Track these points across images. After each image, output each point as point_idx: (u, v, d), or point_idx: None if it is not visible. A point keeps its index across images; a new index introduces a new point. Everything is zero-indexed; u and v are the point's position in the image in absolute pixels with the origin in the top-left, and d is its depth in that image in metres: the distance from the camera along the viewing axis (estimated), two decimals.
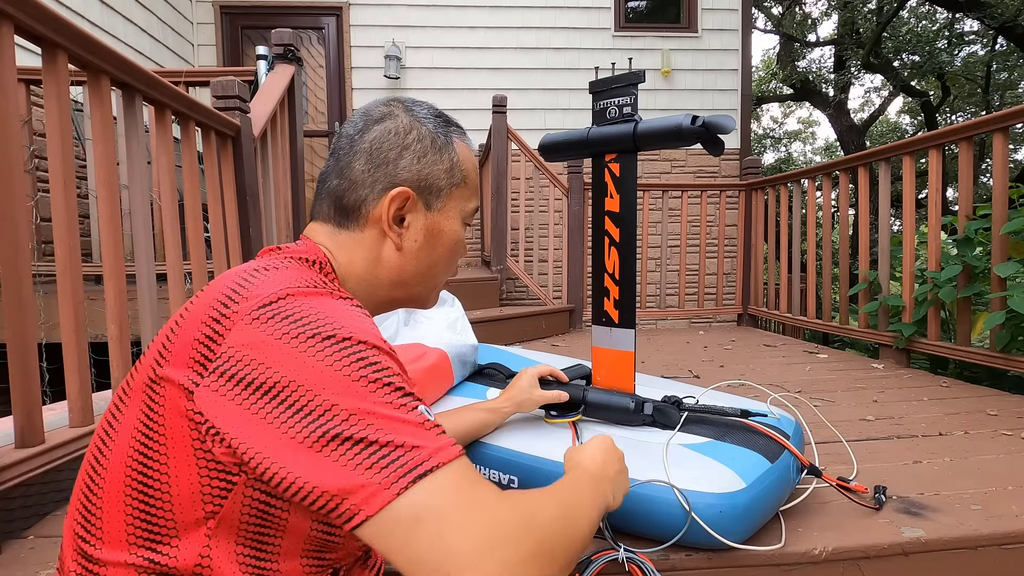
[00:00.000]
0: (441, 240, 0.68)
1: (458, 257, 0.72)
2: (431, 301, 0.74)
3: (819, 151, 17.39)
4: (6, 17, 0.99)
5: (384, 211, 0.64)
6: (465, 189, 0.70)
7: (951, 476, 1.22)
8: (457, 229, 0.70)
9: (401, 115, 0.67)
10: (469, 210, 0.71)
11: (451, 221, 0.69)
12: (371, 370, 0.48)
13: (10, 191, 0.99)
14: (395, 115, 0.67)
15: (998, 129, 2.02)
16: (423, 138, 0.67)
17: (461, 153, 0.69)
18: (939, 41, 9.15)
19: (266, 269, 0.57)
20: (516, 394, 1.05)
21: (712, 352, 2.86)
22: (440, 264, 0.70)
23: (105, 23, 3.62)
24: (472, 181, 0.71)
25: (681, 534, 0.87)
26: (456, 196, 0.69)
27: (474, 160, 0.73)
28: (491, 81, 4.93)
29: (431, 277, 0.70)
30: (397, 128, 0.66)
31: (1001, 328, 2.00)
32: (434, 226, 0.68)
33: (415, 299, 0.72)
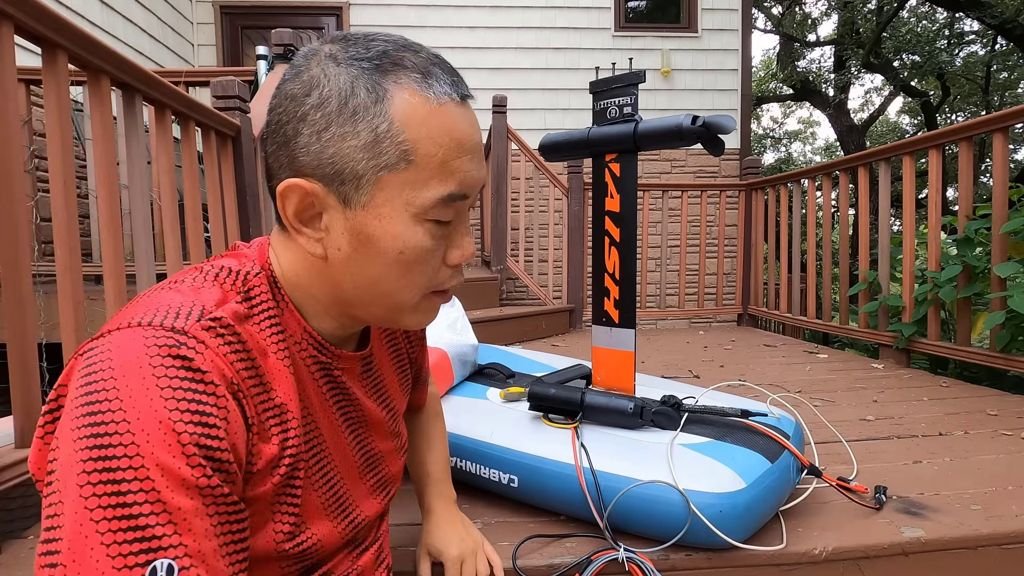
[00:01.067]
0: (374, 248, 0.48)
1: (420, 268, 0.50)
2: (407, 321, 0.54)
3: (819, 151, 17.39)
4: (6, 17, 0.99)
5: (282, 211, 0.49)
6: (412, 171, 0.47)
7: (951, 476, 1.22)
8: (401, 232, 0.48)
9: (314, 65, 0.47)
10: (426, 200, 0.47)
11: (387, 221, 0.47)
12: (110, 492, 0.36)
13: (10, 191, 0.99)
14: (308, 66, 0.48)
15: (998, 129, 2.02)
16: (326, 100, 0.46)
17: (400, 111, 0.46)
18: (939, 41, 9.15)
19: (160, 288, 0.48)
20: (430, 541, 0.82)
21: (712, 352, 2.86)
22: (387, 280, 0.49)
23: (105, 23, 3.62)
24: (428, 155, 0.47)
25: (681, 534, 0.87)
26: (392, 183, 0.47)
27: (442, 119, 0.47)
28: (491, 81, 4.93)
29: (382, 296, 0.51)
30: (301, 88, 0.47)
31: (1001, 328, 2.00)
32: (359, 229, 0.48)
33: (382, 320, 0.54)
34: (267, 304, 0.50)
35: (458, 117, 0.48)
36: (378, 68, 0.46)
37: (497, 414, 1.15)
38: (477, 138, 0.50)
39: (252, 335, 0.47)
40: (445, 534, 0.81)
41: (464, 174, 0.49)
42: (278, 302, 0.52)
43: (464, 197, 0.50)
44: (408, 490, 1.17)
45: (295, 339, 0.52)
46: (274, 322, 0.50)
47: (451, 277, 0.53)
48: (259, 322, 0.49)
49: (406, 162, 0.47)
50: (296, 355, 0.52)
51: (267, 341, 0.49)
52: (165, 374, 0.40)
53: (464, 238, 0.52)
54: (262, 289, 0.51)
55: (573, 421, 1.07)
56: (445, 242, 0.51)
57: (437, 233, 0.49)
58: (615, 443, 1.00)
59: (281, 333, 0.50)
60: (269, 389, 0.48)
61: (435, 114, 0.47)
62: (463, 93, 0.50)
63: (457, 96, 0.49)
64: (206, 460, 0.40)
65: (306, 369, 0.53)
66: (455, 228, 0.51)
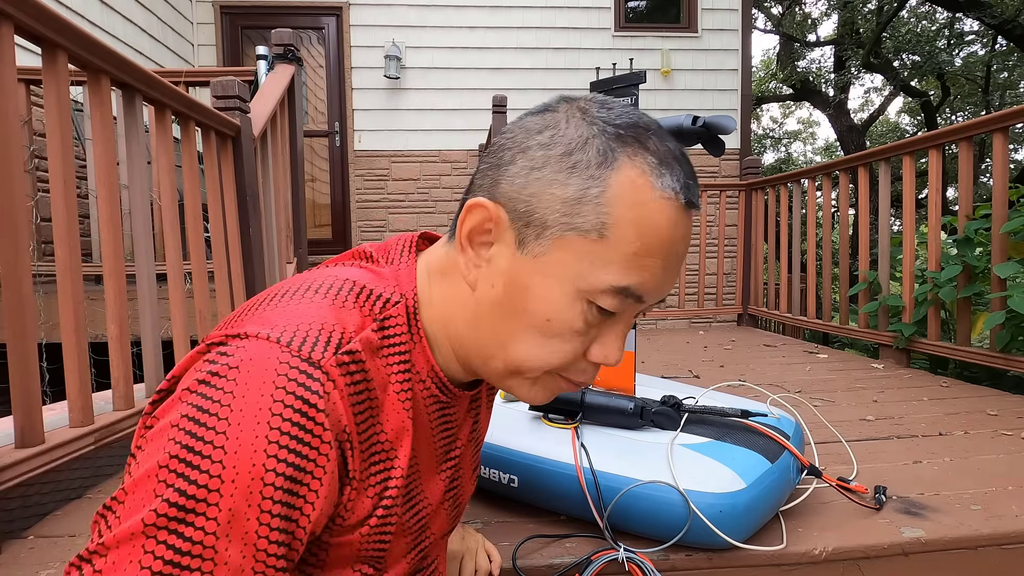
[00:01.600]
0: (524, 302, 0.45)
1: (558, 346, 0.46)
2: (522, 392, 0.50)
3: (819, 151, 17.40)
4: (6, 17, 0.99)
5: (460, 224, 0.47)
6: (601, 245, 0.43)
7: (951, 476, 1.22)
8: (558, 300, 0.44)
9: (562, 110, 0.47)
10: (599, 282, 0.44)
11: (550, 281, 0.44)
12: (174, 501, 0.35)
13: (10, 191, 0.99)
14: (556, 108, 0.47)
15: (998, 129, 2.02)
16: (555, 143, 0.44)
17: (618, 184, 0.43)
18: (939, 41, 9.16)
19: (304, 291, 0.45)
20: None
21: (712, 352, 2.86)
22: (523, 342, 0.46)
23: (105, 23, 3.62)
24: (624, 239, 0.43)
25: (682, 534, 0.87)
26: (573, 247, 0.43)
27: (656, 212, 0.44)
28: (491, 81, 4.93)
29: (510, 356, 0.47)
30: (539, 124, 0.46)
31: (1001, 328, 2.00)
32: (520, 276, 0.45)
33: (498, 380, 0.50)
34: (401, 338, 0.48)
35: (674, 219, 0.44)
36: (619, 137, 0.44)
37: (497, 414, 1.15)
38: (681, 250, 0.46)
39: (379, 369, 0.45)
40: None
41: (651, 276, 0.44)
42: (412, 335, 0.49)
43: (638, 299, 0.45)
44: None
45: (420, 376, 0.50)
46: (404, 358, 0.48)
47: (583, 372, 0.48)
48: (388, 355, 0.47)
49: (599, 234, 0.43)
50: (418, 393, 0.50)
51: (392, 377, 0.47)
52: (281, 413, 0.37)
53: (616, 341, 0.47)
54: (399, 320, 0.48)
55: (573, 421, 1.07)
56: (595, 333, 0.47)
57: (593, 320, 0.45)
58: (615, 443, 1.00)
59: (408, 371, 0.48)
60: (381, 428, 0.46)
61: (652, 204, 0.43)
62: (690, 199, 0.45)
63: (683, 199, 0.45)
64: (280, 523, 0.37)
65: (423, 406, 0.51)
66: (612, 326, 0.47)
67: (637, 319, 0.49)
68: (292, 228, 2.80)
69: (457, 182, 4.98)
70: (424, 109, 4.91)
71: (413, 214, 4.97)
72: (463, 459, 0.60)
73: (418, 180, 4.95)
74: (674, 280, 0.47)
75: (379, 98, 4.86)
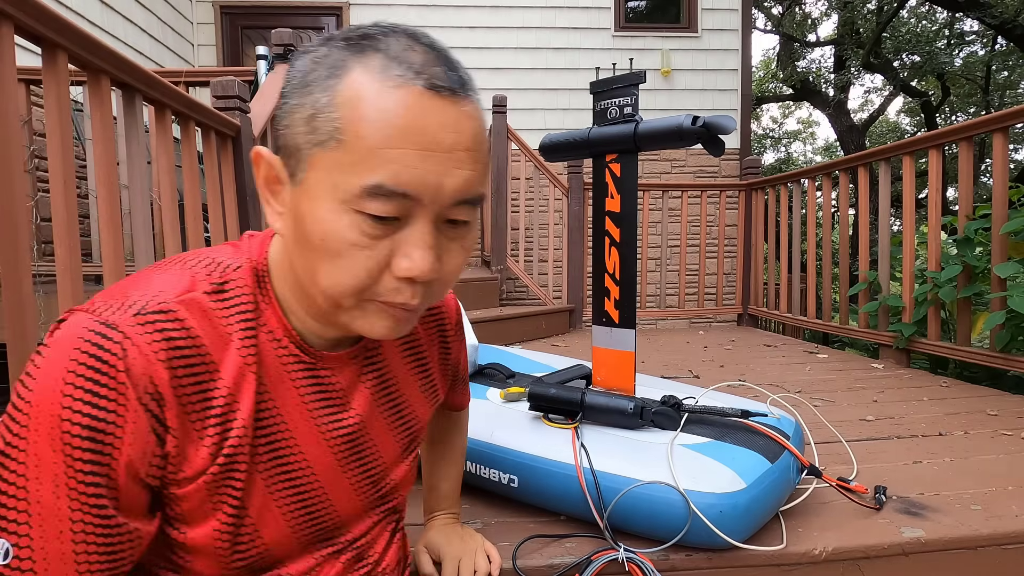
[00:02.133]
0: (303, 229, 0.46)
1: (347, 265, 0.45)
2: (355, 325, 0.49)
3: (819, 151, 17.39)
4: (6, 17, 0.99)
5: (256, 179, 0.50)
6: (341, 151, 0.43)
7: (951, 476, 1.22)
8: (325, 217, 0.44)
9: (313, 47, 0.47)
10: (351, 187, 0.43)
11: (315, 203, 0.44)
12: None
13: (10, 191, 0.99)
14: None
15: (998, 129, 2.02)
16: (296, 73, 0.46)
17: (346, 87, 0.43)
18: (939, 41, 9.16)
19: (152, 267, 0.51)
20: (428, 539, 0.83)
21: (712, 352, 2.86)
22: (318, 270, 0.46)
23: (105, 23, 3.61)
24: (358, 137, 0.42)
25: (682, 534, 0.87)
26: (323, 162, 0.44)
27: (386, 101, 0.42)
28: (491, 81, 4.93)
29: (317, 288, 0.47)
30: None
31: (1001, 328, 2.00)
32: (295, 207, 0.46)
33: (330, 319, 0.50)
34: (243, 299, 0.50)
35: (411, 104, 0.43)
36: (350, 46, 0.44)
37: (497, 414, 1.15)
38: (433, 131, 0.43)
39: (213, 327, 0.48)
40: (446, 535, 0.82)
41: (404, 167, 0.42)
42: (261, 297, 0.52)
43: (404, 195, 0.43)
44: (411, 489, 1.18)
45: (275, 336, 0.52)
46: (246, 317, 0.50)
47: (397, 292, 0.46)
48: (228, 316, 0.49)
49: (336, 141, 0.43)
50: (272, 352, 0.52)
51: (234, 335, 0.49)
52: (75, 369, 0.41)
53: (416, 249, 0.45)
54: (242, 283, 0.50)
55: (573, 421, 1.07)
56: (389, 246, 0.45)
57: (372, 231, 0.44)
58: (615, 443, 1.00)
59: (252, 329, 0.50)
60: (214, 381, 0.47)
61: (381, 96, 0.42)
62: (434, 83, 0.43)
63: (422, 83, 0.43)
64: (91, 467, 0.41)
65: (283, 368, 0.52)
66: (407, 236, 0.45)
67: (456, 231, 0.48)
68: None
69: None
70: None
71: None
72: (370, 430, 0.59)
73: None
74: (452, 169, 0.44)
75: None
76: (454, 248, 0.49)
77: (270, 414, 0.51)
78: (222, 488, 0.48)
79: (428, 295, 0.49)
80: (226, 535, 0.49)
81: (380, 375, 0.61)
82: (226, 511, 0.49)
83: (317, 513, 0.56)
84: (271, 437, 0.52)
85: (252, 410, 0.49)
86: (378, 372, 0.61)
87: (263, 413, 0.51)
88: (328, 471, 0.56)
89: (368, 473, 0.60)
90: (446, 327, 0.70)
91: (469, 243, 0.51)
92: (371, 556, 0.62)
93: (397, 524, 0.68)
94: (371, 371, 0.60)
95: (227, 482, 0.48)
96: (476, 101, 0.48)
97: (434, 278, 0.47)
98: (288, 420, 0.52)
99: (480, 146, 0.47)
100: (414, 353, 0.66)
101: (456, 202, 0.46)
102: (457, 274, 0.51)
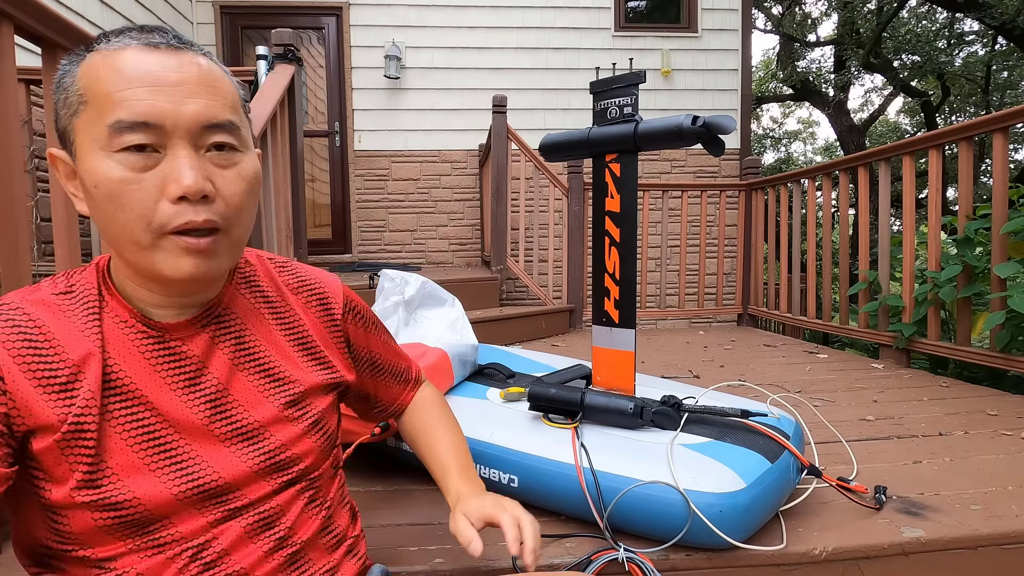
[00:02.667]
0: (87, 191, 0.54)
1: (125, 202, 0.52)
2: (161, 267, 0.55)
3: (819, 151, 17.39)
4: (6, 17, 1.00)
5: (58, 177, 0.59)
6: (89, 110, 0.52)
7: (951, 476, 1.22)
8: (93, 166, 0.52)
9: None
10: (102, 131, 0.52)
11: (86, 162, 0.53)
12: None
13: (10, 191, 0.99)
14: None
15: (998, 129, 2.02)
16: (54, 86, 0.56)
17: (84, 67, 0.53)
18: (939, 41, 9.15)
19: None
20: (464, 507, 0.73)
21: (712, 352, 2.86)
22: (108, 221, 0.54)
23: (105, 23, 3.62)
24: (97, 92, 0.52)
25: (682, 534, 0.87)
26: (81, 128, 0.53)
27: (112, 60, 0.52)
28: (491, 81, 4.92)
29: (118, 240, 0.55)
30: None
31: (1001, 328, 2.01)
32: (81, 179, 0.55)
33: (142, 269, 0.56)
34: (86, 292, 0.59)
35: (133, 57, 0.53)
36: (85, 48, 0.55)
37: (497, 414, 1.15)
38: (156, 73, 0.53)
39: (57, 318, 0.56)
40: (483, 502, 0.73)
41: (136, 102, 0.51)
42: (104, 290, 0.60)
43: (144, 124, 0.52)
44: (405, 489, 1.18)
45: (121, 318, 0.59)
46: (90, 308, 0.58)
47: (179, 214, 0.53)
48: (73, 309, 0.58)
49: (82, 104, 0.52)
50: (119, 332, 0.59)
51: (78, 324, 0.57)
52: None
53: (177, 171, 0.53)
54: (86, 283, 0.59)
55: (573, 421, 1.08)
56: (156, 179, 0.53)
57: (135, 164, 0.52)
58: (615, 443, 1.00)
59: (96, 316, 0.58)
60: (58, 358, 0.55)
61: (107, 58, 0.53)
62: (152, 41, 0.54)
63: (140, 43, 0.54)
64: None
65: (132, 344, 0.59)
66: (168, 162, 0.53)
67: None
68: (292, 228, 2.80)
69: (457, 182, 4.98)
70: (424, 109, 4.91)
71: (413, 214, 4.97)
72: (233, 391, 0.62)
73: (418, 180, 4.95)
74: (185, 99, 0.53)
75: (379, 98, 4.86)
76: (229, 175, 0.56)
77: (121, 383, 0.58)
78: (75, 448, 0.54)
79: (218, 217, 0.55)
80: (86, 491, 0.54)
81: (238, 339, 0.65)
82: (82, 469, 0.54)
83: (191, 471, 0.59)
84: (125, 402, 0.57)
85: (99, 381, 0.56)
86: (235, 337, 0.65)
87: (114, 383, 0.57)
88: (193, 430, 0.60)
89: (240, 432, 0.62)
90: (330, 304, 0.74)
91: (245, 169, 0.58)
92: (280, 524, 0.63)
93: (314, 498, 0.67)
94: (227, 336, 0.64)
95: (79, 442, 0.54)
96: (199, 52, 0.57)
97: (209, 194, 0.54)
98: (142, 387, 0.58)
99: (215, 83, 0.56)
100: (281, 319, 0.69)
101: (203, 126, 0.54)
102: (243, 199, 0.57)
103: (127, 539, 0.56)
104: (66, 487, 0.54)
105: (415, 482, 1.20)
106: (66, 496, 0.54)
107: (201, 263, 0.55)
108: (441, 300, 1.46)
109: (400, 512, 1.08)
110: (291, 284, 0.72)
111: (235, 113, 0.57)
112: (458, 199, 4.99)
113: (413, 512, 1.08)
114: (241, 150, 0.58)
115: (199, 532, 0.59)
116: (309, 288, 0.73)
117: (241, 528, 0.61)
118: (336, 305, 0.75)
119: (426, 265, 4.96)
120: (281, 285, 0.71)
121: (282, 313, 0.70)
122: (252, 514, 0.62)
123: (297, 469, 0.65)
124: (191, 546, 0.58)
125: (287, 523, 0.64)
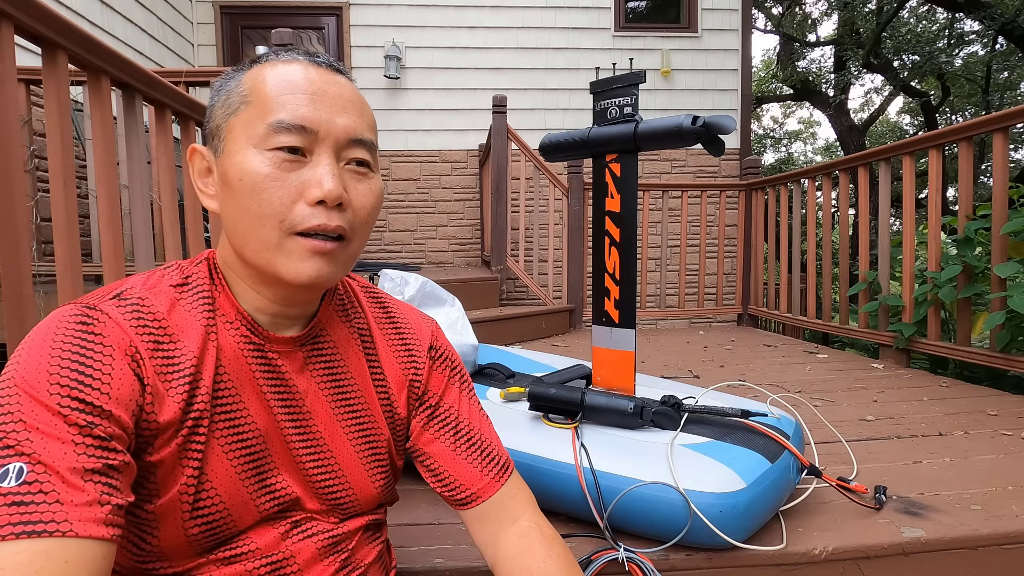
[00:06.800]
0: (229, 184, 0.55)
1: (265, 197, 0.53)
2: (281, 267, 0.55)
3: (819, 151, 17.39)
4: (6, 17, 1.00)
5: (192, 173, 0.61)
6: (249, 109, 0.55)
7: (951, 476, 1.22)
8: (241, 160, 0.54)
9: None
10: (260, 129, 0.54)
11: (235, 157, 0.54)
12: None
13: (10, 191, 0.99)
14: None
15: (998, 129, 2.02)
16: (213, 90, 0.60)
17: (249, 74, 0.57)
18: (939, 41, 9.15)
19: (136, 275, 0.59)
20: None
21: (712, 352, 2.86)
22: (244, 214, 0.54)
23: (105, 23, 3.61)
24: (260, 93, 0.55)
25: (682, 534, 0.87)
26: (237, 125, 0.55)
27: (277, 69, 0.56)
28: (491, 81, 4.93)
29: (247, 235, 0.55)
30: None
31: (1001, 328, 2.00)
32: (222, 172, 0.56)
33: (262, 266, 0.56)
34: (202, 288, 0.58)
35: (295, 69, 0.56)
36: (253, 63, 0.58)
37: (497, 414, 1.15)
38: (318, 85, 0.56)
39: (178, 312, 0.56)
40: None
41: (298, 107, 0.54)
42: (215, 284, 0.60)
43: (302, 128, 0.54)
44: (405, 489, 1.18)
45: (228, 319, 0.58)
46: (206, 302, 0.58)
47: (312, 215, 0.54)
48: (192, 303, 0.57)
49: (244, 104, 0.55)
50: (228, 334, 0.58)
51: (197, 318, 0.56)
52: (63, 334, 0.49)
53: (324, 176, 0.54)
54: (200, 275, 0.59)
55: (573, 421, 1.08)
56: (298, 181, 0.54)
57: (281, 164, 0.54)
58: (615, 443, 1.00)
59: (211, 312, 0.58)
60: (180, 357, 0.54)
61: (272, 67, 0.56)
62: (316, 60, 0.58)
63: (302, 58, 0.57)
64: (77, 402, 0.46)
65: (237, 347, 0.58)
66: (312, 168, 0.55)
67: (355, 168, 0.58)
68: None
69: (457, 182, 4.98)
70: (424, 109, 4.91)
71: (413, 214, 4.97)
72: (316, 418, 0.62)
73: (418, 180, 4.95)
74: (340, 111, 0.56)
75: (379, 98, 4.86)
76: (362, 188, 0.58)
77: (229, 386, 0.57)
78: (189, 450, 0.53)
79: (348, 225, 0.56)
80: (187, 496, 0.53)
81: (328, 365, 0.64)
82: (188, 473, 0.53)
83: (270, 481, 0.59)
84: (228, 407, 0.57)
85: (212, 382, 0.55)
86: (326, 362, 0.64)
87: (221, 386, 0.56)
88: (277, 443, 0.60)
89: (318, 462, 0.62)
90: (412, 346, 0.70)
91: (375, 187, 0.60)
92: (344, 547, 0.64)
93: (374, 528, 0.69)
94: (319, 360, 0.63)
95: (192, 444, 0.54)
96: (351, 78, 0.61)
97: (344, 202, 0.55)
98: (243, 394, 0.58)
99: (362, 105, 0.59)
100: (368, 350, 0.68)
101: (350, 140, 0.56)
102: (370, 213, 0.59)
103: (208, 552, 0.56)
104: (172, 492, 0.52)
105: (415, 482, 1.19)
106: (170, 503, 0.52)
107: (322, 267, 0.55)
108: (441, 300, 1.46)
109: (400, 512, 1.08)
110: (379, 318, 0.70)
111: (374, 134, 0.60)
112: (458, 199, 4.99)
113: (413, 512, 1.08)
114: (374, 169, 0.60)
115: (271, 544, 0.59)
116: (395, 327, 0.71)
117: (313, 547, 0.61)
118: (420, 349, 0.70)
119: (426, 265, 4.96)
120: (370, 318, 0.69)
121: (367, 342, 0.68)
122: (322, 538, 0.62)
123: (356, 509, 0.66)
124: (269, 562, 0.58)
125: (350, 546, 0.65)
